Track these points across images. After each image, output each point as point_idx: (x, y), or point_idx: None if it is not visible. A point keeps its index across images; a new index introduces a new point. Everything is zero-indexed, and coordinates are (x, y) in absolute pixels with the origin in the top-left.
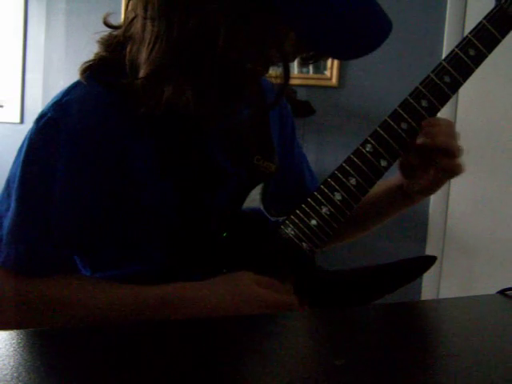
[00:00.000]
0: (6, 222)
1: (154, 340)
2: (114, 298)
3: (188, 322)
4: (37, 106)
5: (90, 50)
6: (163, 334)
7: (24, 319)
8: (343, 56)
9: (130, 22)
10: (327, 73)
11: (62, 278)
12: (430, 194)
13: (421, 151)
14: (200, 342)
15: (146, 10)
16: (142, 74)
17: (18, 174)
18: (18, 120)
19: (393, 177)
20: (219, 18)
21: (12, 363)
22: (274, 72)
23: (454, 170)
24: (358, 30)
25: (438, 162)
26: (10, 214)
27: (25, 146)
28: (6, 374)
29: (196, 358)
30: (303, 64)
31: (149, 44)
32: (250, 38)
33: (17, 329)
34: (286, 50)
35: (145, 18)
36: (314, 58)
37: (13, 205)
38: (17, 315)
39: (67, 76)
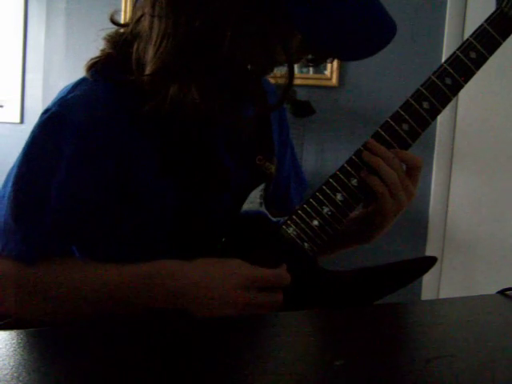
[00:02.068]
0: (2, 211)
1: (154, 340)
2: (105, 277)
3: (188, 322)
4: (37, 105)
5: (90, 50)
6: (163, 334)
7: (23, 302)
8: (348, 57)
9: (137, 20)
10: (327, 73)
11: (53, 261)
12: (379, 228)
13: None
14: (200, 342)
15: (153, 8)
16: (148, 71)
17: (17, 164)
18: (18, 120)
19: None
20: (225, 17)
21: (12, 363)
22: (277, 72)
23: (381, 195)
24: (363, 31)
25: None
26: (6, 202)
27: (28, 139)
28: (6, 374)
29: (196, 357)
30: (306, 65)
31: (155, 42)
32: (255, 37)
33: (18, 312)
34: (291, 50)
35: (152, 16)
36: (319, 59)
37: (8, 193)
38: (16, 298)
39: (67, 76)
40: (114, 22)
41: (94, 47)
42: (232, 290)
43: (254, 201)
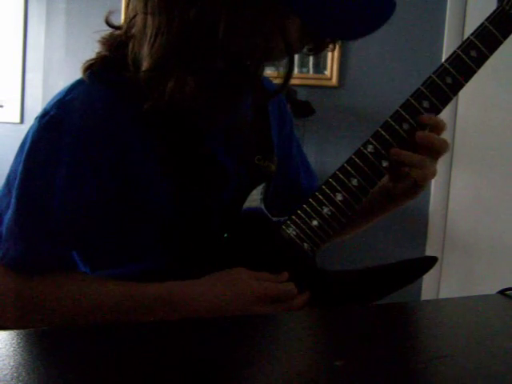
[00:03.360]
0: (6, 219)
1: (154, 340)
2: (110, 297)
3: (188, 322)
4: (37, 106)
5: (90, 50)
6: (163, 334)
7: (22, 315)
8: (347, 35)
9: (130, 21)
10: (327, 73)
11: (59, 275)
12: (413, 197)
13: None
14: (200, 342)
15: (146, 6)
16: (144, 67)
17: (19, 171)
18: (18, 120)
19: None
20: (219, 8)
21: (12, 363)
22: (275, 72)
23: (422, 180)
24: (361, 8)
25: (408, 172)
26: (11, 210)
27: (27, 143)
28: (6, 374)
29: (196, 357)
30: (307, 55)
31: (150, 38)
32: (251, 26)
33: (15, 325)
34: (290, 38)
35: (145, 14)
36: (318, 47)
37: (13, 202)
38: (15, 311)
39: (67, 76)
40: (108, 23)
41: (94, 47)
42: (244, 308)
43: (255, 200)
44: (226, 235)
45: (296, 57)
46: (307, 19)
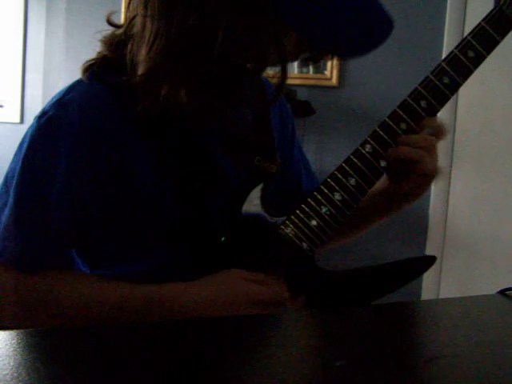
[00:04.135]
0: (4, 218)
1: (153, 340)
2: (107, 297)
3: (187, 322)
4: (37, 106)
5: (90, 50)
6: (162, 334)
7: (20, 313)
8: (344, 54)
9: (130, 21)
10: (327, 73)
11: (56, 274)
12: (415, 199)
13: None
14: (200, 342)
15: (146, 8)
16: (140, 71)
17: (17, 170)
18: (18, 120)
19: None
20: (218, 17)
21: (12, 363)
22: (272, 72)
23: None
24: (358, 28)
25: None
26: (8, 209)
27: (25, 143)
28: (6, 374)
29: (195, 358)
30: (304, 63)
31: (148, 42)
32: (248, 36)
33: (14, 323)
34: (286, 50)
35: (145, 17)
36: (315, 57)
37: (11, 200)
38: (13, 309)
39: (67, 76)
40: (110, 22)
41: (94, 47)
42: (236, 309)
43: (254, 200)
44: (224, 236)
45: None
46: (303, 35)
